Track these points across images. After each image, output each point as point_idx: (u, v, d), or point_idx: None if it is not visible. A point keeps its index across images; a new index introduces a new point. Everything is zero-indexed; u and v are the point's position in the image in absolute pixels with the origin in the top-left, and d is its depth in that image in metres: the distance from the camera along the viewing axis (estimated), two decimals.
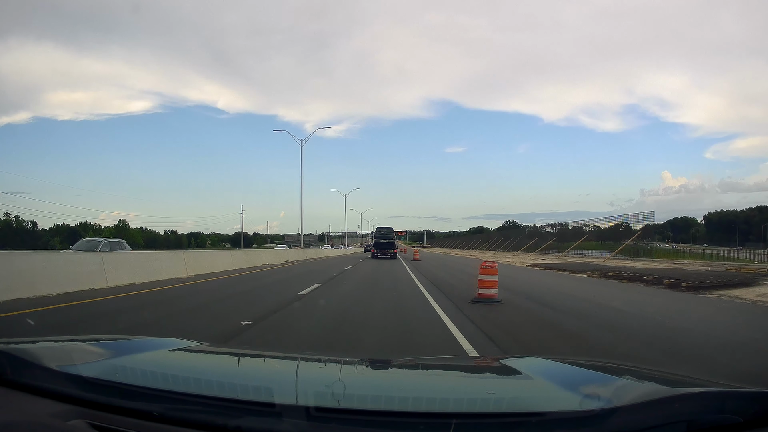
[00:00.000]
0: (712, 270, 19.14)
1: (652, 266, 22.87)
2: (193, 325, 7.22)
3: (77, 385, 1.28)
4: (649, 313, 8.98)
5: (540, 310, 9.28)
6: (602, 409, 1.16)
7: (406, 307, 9.39)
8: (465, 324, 7.05)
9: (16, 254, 11.62)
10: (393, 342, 6.03)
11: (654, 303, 10.73)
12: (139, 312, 8.27)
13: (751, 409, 1.15)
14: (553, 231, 53.46)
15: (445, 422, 1.12)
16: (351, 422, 1.18)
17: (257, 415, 1.16)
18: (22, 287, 9.38)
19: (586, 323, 7.86)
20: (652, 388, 1.43)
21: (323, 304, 9.64)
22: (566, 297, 11.91)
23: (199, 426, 1.15)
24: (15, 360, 1.37)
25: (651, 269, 19.41)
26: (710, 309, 9.87)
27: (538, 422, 1.16)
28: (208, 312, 8.61)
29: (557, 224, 54.55)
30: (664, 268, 20.26)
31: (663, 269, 19.50)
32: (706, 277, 14.51)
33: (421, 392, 1.66)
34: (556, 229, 53.63)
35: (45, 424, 1.13)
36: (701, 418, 1.13)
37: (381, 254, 36.77)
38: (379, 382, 1.86)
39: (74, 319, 7.44)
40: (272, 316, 7.87)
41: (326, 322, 7.53)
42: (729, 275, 16.06)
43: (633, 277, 16.34)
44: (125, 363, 1.62)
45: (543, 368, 1.84)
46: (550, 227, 55.94)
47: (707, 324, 8.19)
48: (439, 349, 5.53)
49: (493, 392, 1.64)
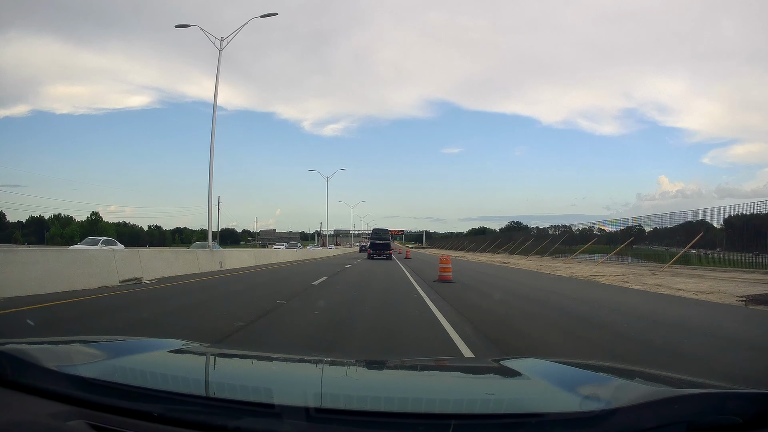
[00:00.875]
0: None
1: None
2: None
3: (77, 385, 1.28)
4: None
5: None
6: (602, 410, 1.16)
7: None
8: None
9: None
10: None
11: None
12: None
13: (751, 410, 1.15)
14: (555, 233, 49.15)
15: (445, 423, 1.13)
16: (351, 423, 1.18)
17: (257, 416, 1.16)
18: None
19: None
20: (651, 389, 1.43)
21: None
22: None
23: (199, 427, 1.15)
24: (15, 360, 1.37)
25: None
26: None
27: (537, 423, 1.16)
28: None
29: (561, 226, 50.74)
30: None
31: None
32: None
33: (420, 393, 1.66)
34: (558, 231, 49.64)
35: (45, 425, 1.13)
36: (701, 419, 1.13)
37: (377, 255, 37.26)
38: (378, 383, 1.86)
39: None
40: None
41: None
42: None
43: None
44: (125, 363, 1.62)
45: (542, 369, 1.84)
46: (553, 229, 51.83)
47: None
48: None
49: (493, 393, 1.64)
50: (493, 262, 36.93)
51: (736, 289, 12.88)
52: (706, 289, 13.02)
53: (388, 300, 10.25)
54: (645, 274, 20.59)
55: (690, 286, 14.23)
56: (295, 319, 7.22)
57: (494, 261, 38.46)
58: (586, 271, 23.32)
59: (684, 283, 15.35)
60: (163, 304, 8.68)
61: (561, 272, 22.49)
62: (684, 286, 14.03)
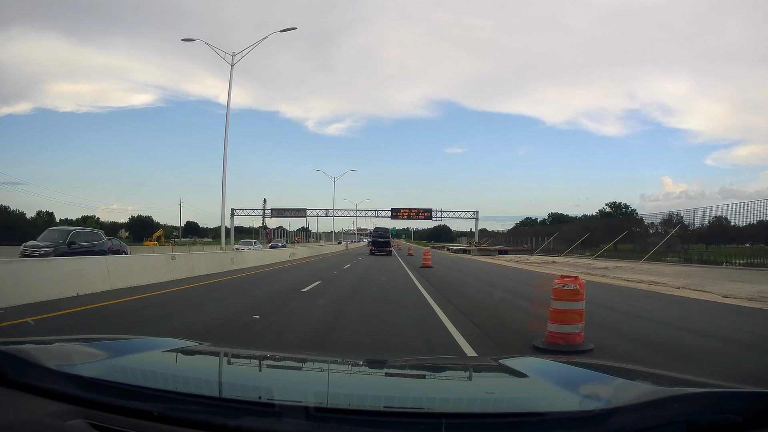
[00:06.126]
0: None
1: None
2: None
3: (77, 384, 1.28)
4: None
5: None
6: (602, 409, 1.16)
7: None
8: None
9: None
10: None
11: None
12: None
13: (751, 409, 1.15)
14: (658, 230, 33.56)
15: (445, 422, 1.13)
16: (351, 422, 1.18)
17: (257, 415, 1.16)
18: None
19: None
20: (651, 389, 1.44)
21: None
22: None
23: (199, 426, 1.15)
24: (15, 360, 1.37)
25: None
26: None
27: (537, 422, 1.16)
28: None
29: (674, 215, 33.12)
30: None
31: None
32: None
33: (420, 392, 1.66)
34: (663, 225, 33.05)
35: (45, 424, 1.13)
36: (701, 419, 1.13)
37: (378, 251, 41.02)
38: (378, 382, 1.86)
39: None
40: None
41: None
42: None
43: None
44: (125, 363, 1.62)
45: (542, 368, 1.84)
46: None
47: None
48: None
49: (493, 392, 1.64)
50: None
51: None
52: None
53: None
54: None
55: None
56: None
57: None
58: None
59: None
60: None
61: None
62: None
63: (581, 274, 14.26)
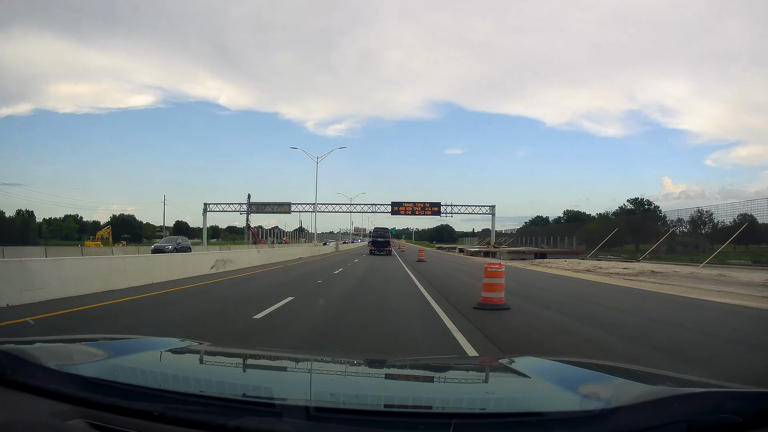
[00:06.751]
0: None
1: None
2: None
3: (77, 384, 1.28)
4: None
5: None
6: (602, 409, 1.16)
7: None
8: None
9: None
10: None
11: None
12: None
13: (751, 409, 1.15)
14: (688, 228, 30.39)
15: (445, 422, 1.13)
16: (351, 422, 1.18)
17: (257, 415, 1.16)
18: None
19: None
20: (651, 389, 1.44)
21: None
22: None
23: (199, 426, 1.15)
24: (15, 360, 1.37)
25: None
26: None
27: (537, 422, 1.16)
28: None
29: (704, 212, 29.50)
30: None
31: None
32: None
33: (420, 392, 1.66)
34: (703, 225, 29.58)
35: (45, 424, 1.13)
36: (701, 419, 1.13)
37: (378, 251, 41.63)
38: (378, 382, 1.86)
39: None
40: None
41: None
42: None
43: None
44: (125, 363, 1.62)
45: (542, 368, 1.84)
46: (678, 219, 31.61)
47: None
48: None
49: (493, 392, 1.64)
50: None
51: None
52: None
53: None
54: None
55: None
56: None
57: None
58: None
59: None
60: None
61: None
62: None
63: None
